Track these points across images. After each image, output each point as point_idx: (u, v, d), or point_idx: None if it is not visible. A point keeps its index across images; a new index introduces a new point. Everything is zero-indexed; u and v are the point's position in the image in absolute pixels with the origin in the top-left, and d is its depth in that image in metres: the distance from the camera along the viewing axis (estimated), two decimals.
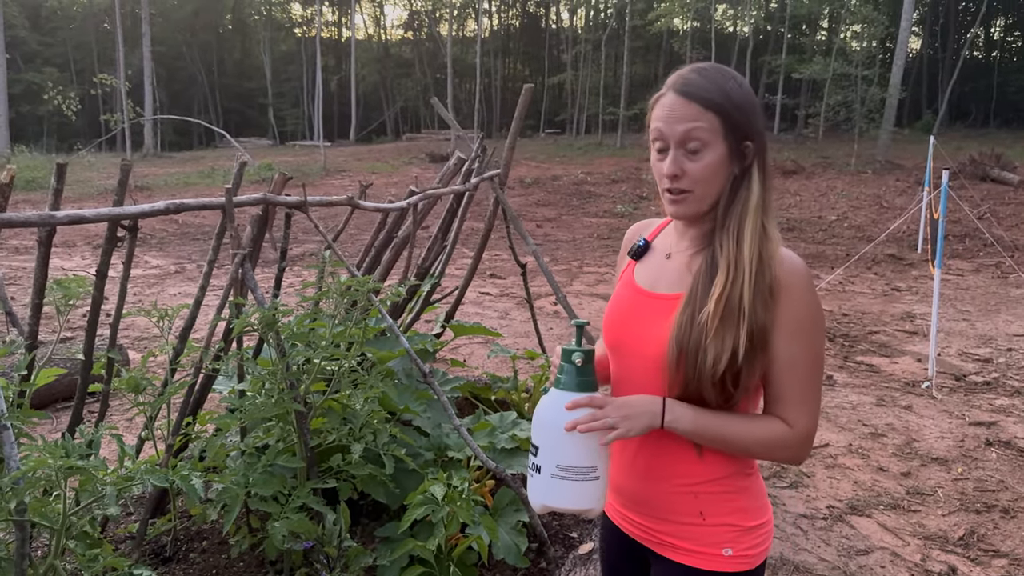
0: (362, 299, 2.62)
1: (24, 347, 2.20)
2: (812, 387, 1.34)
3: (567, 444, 1.33)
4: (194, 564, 2.83)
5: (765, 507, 1.45)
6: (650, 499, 1.45)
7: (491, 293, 8.84)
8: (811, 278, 1.34)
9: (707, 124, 1.28)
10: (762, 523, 1.43)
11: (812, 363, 1.34)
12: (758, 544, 1.42)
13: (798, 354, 1.32)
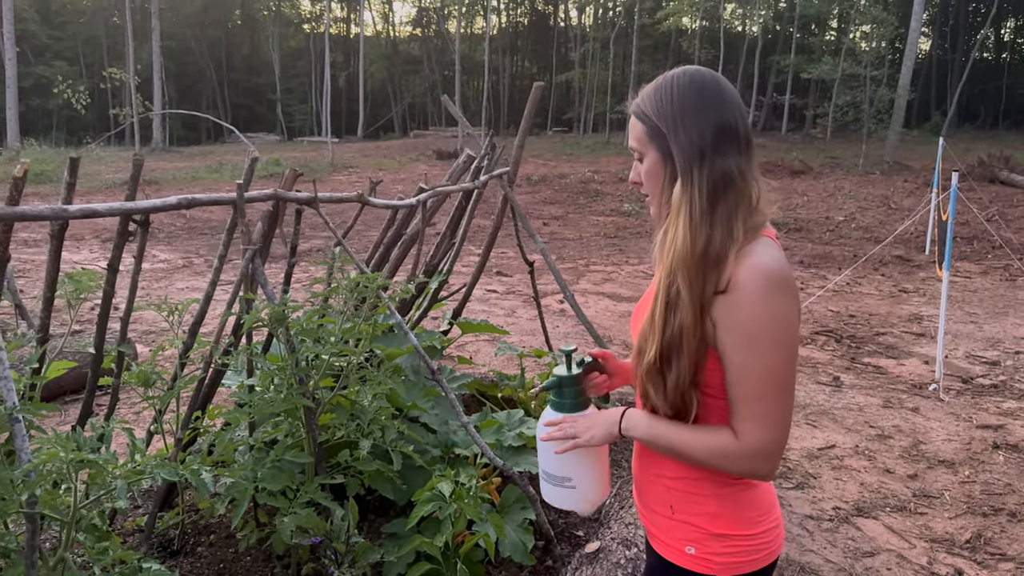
0: (371, 296, 2.63)
1: (35, 340, 2.21)
2: (764, 400, 1.27)
3: (546, 454, 1.55)
4: (202, 558, 2.85)
5: (748, 520, 1.39)
6: (641, 487, 1.54)
7: (497, 291, 8.84)
8: (776, 283, 1.26)
9: (638, 133, 1.40)
10: (734, 535, 1.38)
11: (765, 376, 1.26)
12: (729, 554, 1.38)
13: (748, 364, 1.26)
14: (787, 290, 1.27)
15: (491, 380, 4.43)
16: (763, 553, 1.41)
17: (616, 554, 2.65)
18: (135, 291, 2.48)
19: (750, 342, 1.26)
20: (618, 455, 3.91)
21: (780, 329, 1.25)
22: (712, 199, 1.29)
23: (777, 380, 1.27)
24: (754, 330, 1.25)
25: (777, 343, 1.25)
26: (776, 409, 1.28)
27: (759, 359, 1.26)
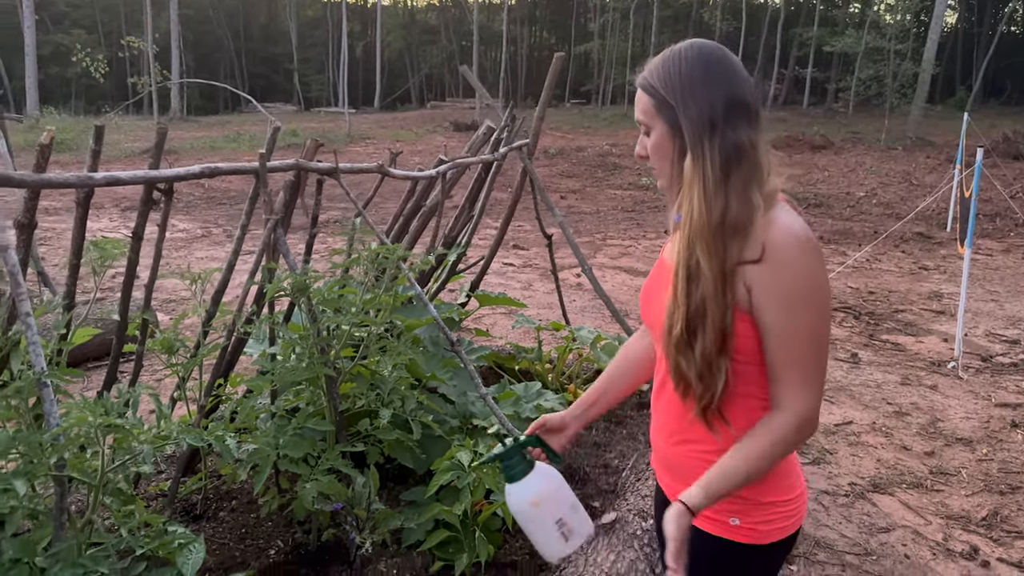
0: (391, 266, 2.64)
1: (61, 306, 2.24)
2: (807, 363, 1.30)
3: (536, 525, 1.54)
4: (224, 522, 2.90)
5: (788, 486, 1.43)
6: (674, 462, 1.53)
7: (514, 264, 8.84)
8: (808, 246, 1.28)
9: (645, 106, 1.40)
10: (778, 501, 1.41)
11: (807, 338, 1.29)
12: (772, 521, 1.41)
13: (790, 328, 1.28)
14: (818, 252, 1.30)
15: (508, 353, 4.45)
16: (797, 516, 1.45)
17: (632, 525, 2.67)
18: (159, 259, 2.50)
19: (791, 306, 1.27)
20: (635, 428, 3.93)
21: (818, 291, 1.28)
22: (725, 169, 1.30)
23: (819, 341, 1.30)
24: (795, 294, 1.27)
25: (817, 305, 1.28)
26: (817, 371, 1.31)
27: (801, 322, 1.28)
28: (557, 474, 1.56)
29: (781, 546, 1.44)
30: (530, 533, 1.55)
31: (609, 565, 2.45)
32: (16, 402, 1.83)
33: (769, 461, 1.33)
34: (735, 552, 1.40)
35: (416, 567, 2.65)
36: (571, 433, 1.67)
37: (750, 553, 1.41)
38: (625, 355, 1.72)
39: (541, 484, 1.52)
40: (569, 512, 1.54)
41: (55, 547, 1.77)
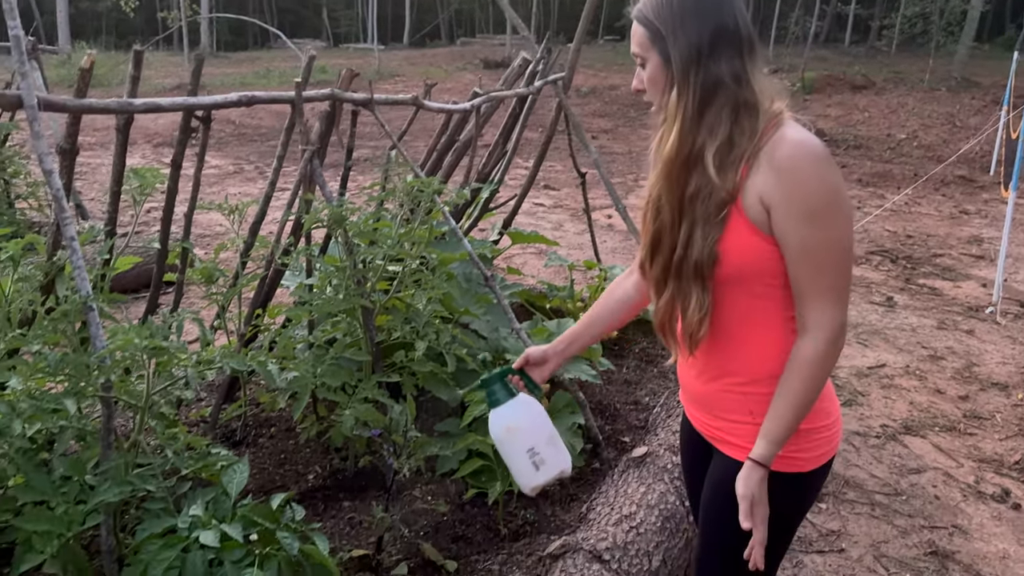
0: (426, 200, 2.63)
1: (104, 232, 2.26)
2: (837, 275, 1.30)
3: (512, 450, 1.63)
4: (263, 448, 2.97)
5: (824, 411, 1.43)
6: (707, 397, 1.52)
7: (545, 204, 8.79)
8: (820, 156, 1.27)
9: (639, 38, 1.38)
10: (815, 427, 1.41)
11: (834, 249, 1.28)
12: (810, 448, 1.41)
13: (813, 240, 1.28)
14: (831, 161, 1.29)
15: (540, 291, 4.45)
16: (835, 443, 1.45)
17: (663, 459, 2.70)
18: (198, 187, 2.51)
19: (812, 219, 1.27)
20: (666, 367, 3.94)
21: (837, 200, 1.28)
22: (704, 103, 1.32)
23: (843, 252, 1.29)
24: (814, 206, 1.27)
25: (838, 214, 1.28)
26: (845, 282, 1.31)
27: (824, 234, 1.27)
28: (537, 406, 1.63)
29: (820, 473, 1.45)
30: (506, 459, 1.63)
31: (639, 496, 2.48)
32: (63, 326, 1.87)
33: (816, 385, 1.34)
34: (776, 482, 1.39)
35: (450, 494, 2.71)
36: (552, 366, 1.72)
37: (791, 482, 1.42)
38: (610, 294, 1.73)
39: (517, 412, 1.60)
40: (543, 444, 1.60)
41: (103, 466, 1.83)
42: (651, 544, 2.31)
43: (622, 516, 2.38)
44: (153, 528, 1.69)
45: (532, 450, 1.58)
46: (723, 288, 1.38)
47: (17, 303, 2.01)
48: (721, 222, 1.32)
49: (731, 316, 1.41)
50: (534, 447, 1.58)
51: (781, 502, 1.42)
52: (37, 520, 1.73)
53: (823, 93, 17.84)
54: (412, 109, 3.05)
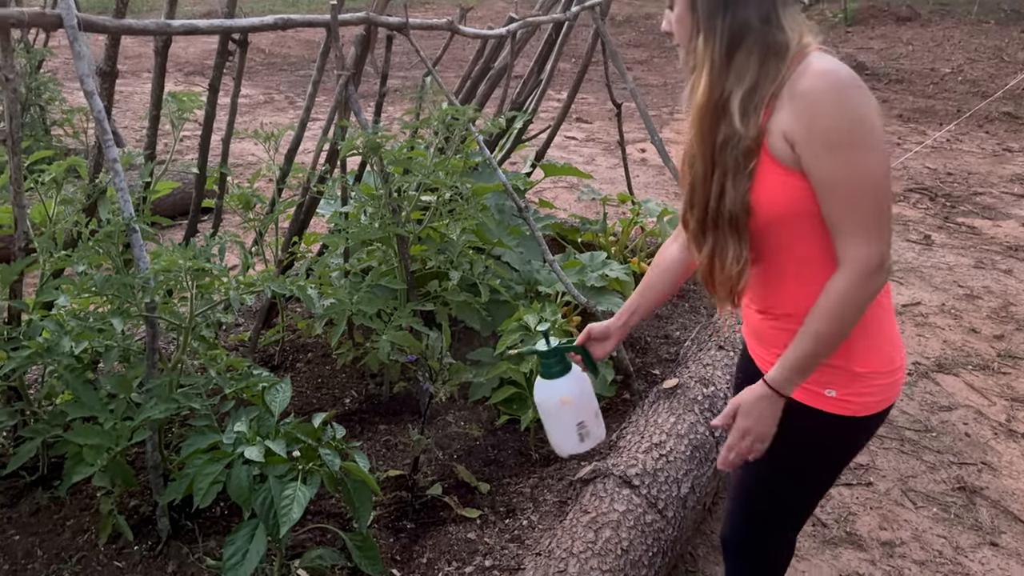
0: (461, 128, 2.61)
1: (144, 157, 2.28)
2: (869, 207, 1.23)
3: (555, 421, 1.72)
4: (300, 373, 3.04)
5: (887, 358, 1.38)
6: (764, 333, 1.50)
7: (577, 138, 8.67)
8: (845, 83, 1.21)
9: None
10: (875, 372, 1.37)
11: (863, 178, 1.22)
12: (869, 393, 1.37)
13: (842, 172, 1.22)
14: (860, 87, 1.22)
15: (572, 225, 4.43)
16: (895, 391, 1.41)
17: (693, 391, 2.72)
18: (235, 112, 2.51)
19: (838, 148, 1.21)
20: (697, 302, 3.93)
21: (864, 127, 1.21)
22: (731, 49, 1.27)
23: (875, 182, 1.22)
24: (838, 135, 1.20)
25: (865, 142, 1.21)
26: (879, 215, 1.24)
27: (850, 163, 1.21)
28: (587, 381, 1.69)
29: (875, 419, 1.41)
30: (550, 427, 1.70)
31: (669, 426, 2.51)
32: (107, 247, 1.90)
33: (843, 321, 1.29)
34: (830, 423, 1.38)
35: (482, 420, 2.77)
36: (614, 342, 1.72)
37: (845, 425, 1.39)
38: (660, 258, 1.70)
39: (574, 387, 1.65)
40: (591, 418, 1.68)
41: (147, 384, 1.89)
42: (680, 472, 2.35)
43: (652, 444, 2.41)
44: (198, 444, 1.75)
45: (582, 423, 1.66)
46: (767, 232, 1.34)
47: (62, 225, 2.05)
48: (751, 171, 1.29)
49: (783, 257, 1.37)
50: (584, 421, 1.66)
51: (830, 443, 1.42)
52: (87, 435, 1.80)
53: (866, 25, 17.21)
54: (444, 38, 3.01)
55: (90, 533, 2.12)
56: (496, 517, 2.28)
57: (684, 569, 2.40)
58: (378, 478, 2.40)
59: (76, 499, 2.23)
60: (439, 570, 2.07)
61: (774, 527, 1.64)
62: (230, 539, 1.60)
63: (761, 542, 1.67)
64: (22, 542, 2.09)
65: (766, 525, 1.64)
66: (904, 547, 2.56)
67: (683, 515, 2.27)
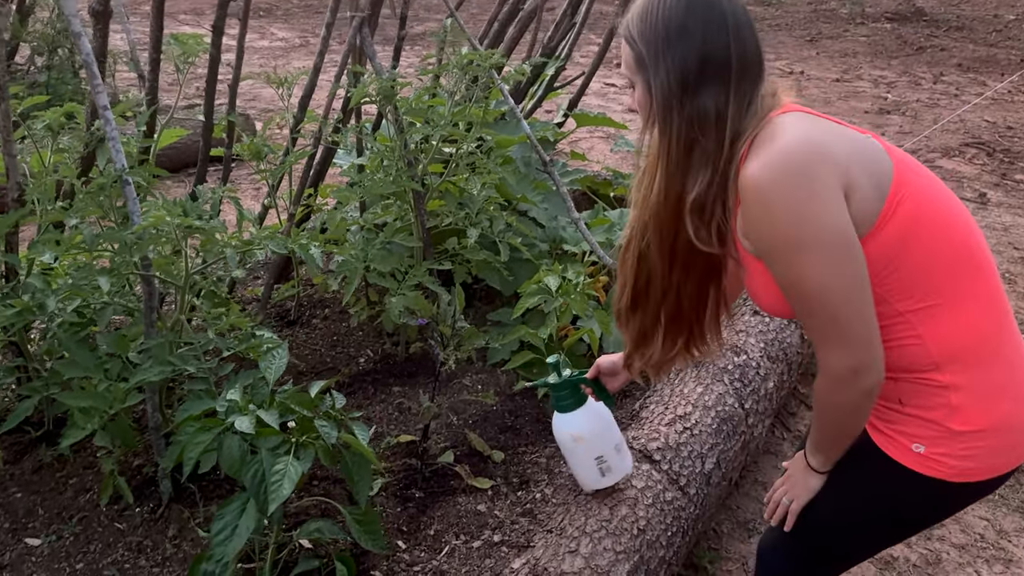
0: (484, 75, 2.44)
1: (144, 103, 2.17)
2: (817, 315, 1.10)
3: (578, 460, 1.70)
4: (316, 329, 2.96)
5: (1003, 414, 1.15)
6: None
7: (616, 85, 8.39)
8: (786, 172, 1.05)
9: (626, 58, 1.21)
10: (980, 431, 1.15)
11: (803, 287, 1.09)
12: (969, 456, 1.16)
13: (788, 277, 1.11)
14: (803, 173, 1.05)
15: (604, 178, 4.25)
16: (1007, 458, 1.19)
17: (724, 359, 2.57)
18: (242, 56, 2.38)
19: (771, 252, 1.11)
20: None
21: (807, 229, 1.05)
22: (689, 143, 1.14)
23: (824, 288, 1.08)
24: (772, 239, 1.09)
25: (808, 247, 1.06)
26: (835, 321, 1.09)
27: (796, 269, 1.09)
28: (606, 413, 1.61)
29: (978, 488, 1.21)
30: (570, 462, 1.64)
31: (696, 397, 2.38)
32: (101, 199, 1.81)
33: (832, 421, 1.22)
34: (911, 481, 1.20)
35: (500, 384, 2.66)
36: (624, 378, 1.64)
37: (930, 487, 1.20)
38: None
39: (585, 422, 1.59)
40: (611, 452, 1.61)
41: (144, 344, 1.80)
42: (705, 446, 2.23)
43: (676, 416, 2.29)
44: (193, 410, 1.67)
45: (600, 458, 1.60)
46: None
47: (52, 177, 1.95)
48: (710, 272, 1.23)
49: None
50: (602, 455, 1.60)
51: (906, 503, 1.25)
52: (80, 397, 1.73)
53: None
54: None
55: (92, 493, 2.08)
56: (508, 488, 2.19)
57: (707, 546, 2.30)
58: (388, 443, 2.32)
59: (80, 456, 2.19)
60: (446, 543, 1.99)
61: (815, 563, 1.46)
62: (219, 513, 1.53)
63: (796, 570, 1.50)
64: (24, 500, 2.05)
65: (808, 558, 1.45)
66: (943, 529, 2.42)
67: (706, 492, 2.16)
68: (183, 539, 1.96)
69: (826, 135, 1.10)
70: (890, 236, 1.10)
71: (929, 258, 1.12)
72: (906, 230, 1.10)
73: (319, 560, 1.85)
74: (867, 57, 9.84)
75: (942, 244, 1.13)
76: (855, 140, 1.13)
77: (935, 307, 1.14)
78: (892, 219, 1.09)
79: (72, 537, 1.96)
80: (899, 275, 1.12)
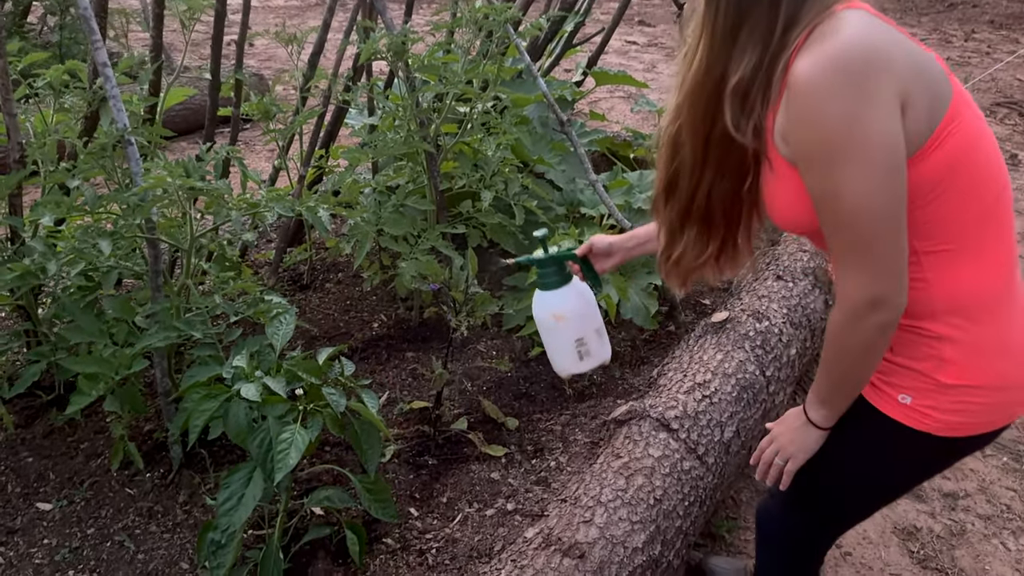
0: (499, 30, 2.35)
1: (149, 60, 2.11)
2: (848, 235, 1.01)
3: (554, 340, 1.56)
4: (329, 294, 2.92)
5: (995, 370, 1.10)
6: None
7: (638, 42, 8.20)
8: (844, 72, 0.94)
9: None
10: (972, 387, 1.10)
11: (839, 203, 0.99)
12: (956, 411, 1.11)
13: (816, 189, 1.01)
14: (859, 76, 0.94)
15: (624, 139, 4.15)
16: (997, 415, 1.13)
17: (745, 325, 2.51)
18: (248, 10, 2.31)
19: (812, 160, 1.00)
20: None
21: (854, 140, 0.95)
22: (737, 21, 1.03)
23: (859, 207, 0.98)
24: (816, 145, 0.98)
25: (853, 159, 0.96)
26: (868, 246, 1.00)
27: (829, 182, 0.99)
28: (589, 294, 1.53)
29: (966, 443, 1.16)
30: (547, 343, 1.54)
31: (716, 364, 2.32)
32: (103, 160, 1.76)
33: (843, 360, 1.11)
34: (897, 434, 1.16)
35: (515, 350, 2.61)
36: (616, 261, 1.55)
37: (915, 440, 1.15)
38: None
39: (568, 300, 1.49)
40: (592, 335, 1.51)
41: (150, 308, 1.77)
42: (724, 415, 2.17)
43: (695, 384, 2.23)
44: (199, 376, 1.64)
45: (580, 340, 1.49)
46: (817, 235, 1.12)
47: (59, 135, 1.90)
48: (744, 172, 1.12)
49: None
50: (583, 337, 1.49)
51: (894, 457, 1.20)
52: (85, 363, 1.70)
53: None
54: None
55: (103, 457, 2.06)
56: (522, 456, 2.15)
57: (725, 515, 2.26)
58: (401, 409, 2.28)
59: (91, 421, 2.17)
60: (459, 511, 1.96)
61: (815, 527, 1.43)
62: (225, 482, 1.50)
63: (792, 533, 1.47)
64: (35, 464, 2.04)
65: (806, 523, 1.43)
66: (968, 499, 2.36)
67: (725, 461, 2.11)
68: (194, 505, 1.95)
69: (890, 41, 0.99)
70: (930, 168, 1.01)
71: (961, 202, 1.04)
72: (947, 166, 1.02)
73: (330, 527, 1.83)
74: (896, 14, 9.55)
75: (978, 191, 1.05)
76: (920, 55, 1.02)
77: (952, 253, 1.06)
78: (937, 151, 1.01)
79: (83, 502, 1.95)
80: (926, 212, 1.04)
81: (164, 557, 1.82)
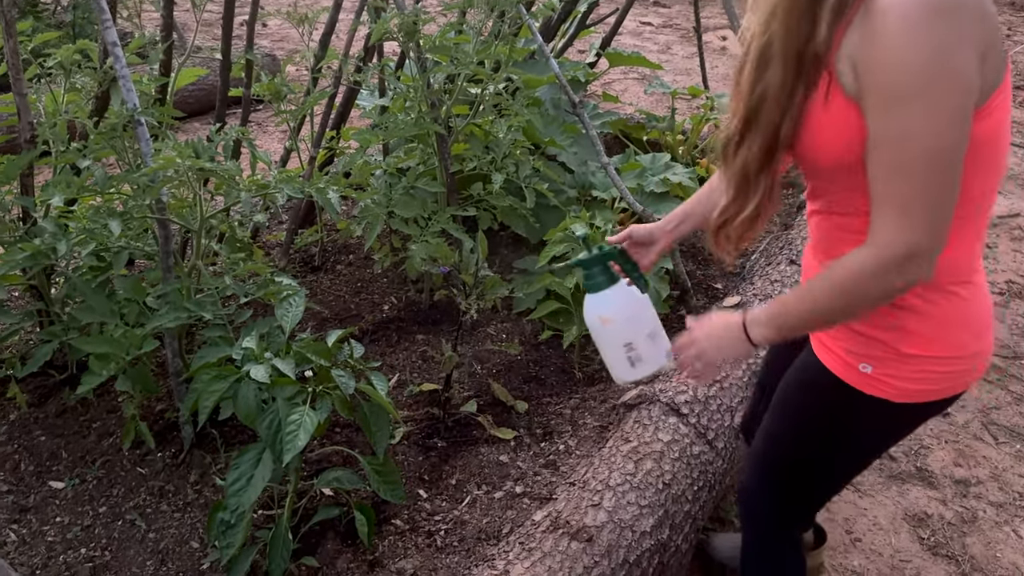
0: (511, 10, 2.33)
1: (159, 39, 2.10)
2: (907, 181, 0.94)
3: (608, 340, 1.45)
4: (340, 276, 2.92)
5: (954, 342, 1.11)
6: None
7: (652, 23, 8.12)
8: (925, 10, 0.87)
9: None
10: (931, 356, 1.11)
11: (908, 145, 0.92)
12: (916, 379, 1.13)
13: (887, 129, 0.93)
14: (954, 13, 0.88)
15: (637, 121, 4.12)
16: (955, 383, 1.15)
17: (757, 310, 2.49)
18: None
19: (888, 99, 0.91)
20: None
21: (938, 81, 0.89)
22: None
23: (931, 154, 0.92)
24: (896, 80, 0.90)
25: (934, 102, 0.90)
26: (920, 195, 0.94)
27: (903, 123, 0.91)
28: (639, 296, 1.44)
29: (922, 409, 1.17)
30: (600, 348, 1.48)
31: None
32: (114, 141, 1.76)
33: (845, 300, 1.03)
34: (857, 402, 1.16)
35: (526, 333, 2.61)
36: (661, 248, 1.48)
37: (875, 407, 1.16)
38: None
39: (615, 303, 1.41)
40: (643, 339, 1.41)
41: (161, 289, 1.77)
42: (735, 400, 2.16)
43: None
44: (209, 356, 1.64)
45: (629, 345, 1.41)
46: (834, 174, 1.06)
47: (70, 115, 1.90)
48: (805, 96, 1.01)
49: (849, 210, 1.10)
50: (632, 342, 1.40)
51: (855, 425, 1.20)
52: (96, 343, 1.71)
53: None
54: None
55: (115, 436, 2.08)
56: (532, 439, 2.15)
57: (734, 500, 2.25)
58: (411, 391, 2.29)
59: (103, 400, 2.19)
60: (467, 493, 1.96)
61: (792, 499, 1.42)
62: (235, 462, 1.50)
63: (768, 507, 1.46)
64: (47, 443, 2.06)
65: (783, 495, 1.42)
66: (980, 487, 2.35)
67: (735, 446, 2.10)
68: (204, 484, 1.96)
69: None
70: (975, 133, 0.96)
71: (975, 176, 1.00)
72: (986, 137, 0.98)
73: (339, 508, 1.84)
74: None
75: (992, 169, 1.03)
76: (996, 16, 0.96)
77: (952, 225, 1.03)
78: (987, 118, 0.97)
79: (95, 481, 1.96)
80: None
81: (175, 536, 1.84)
